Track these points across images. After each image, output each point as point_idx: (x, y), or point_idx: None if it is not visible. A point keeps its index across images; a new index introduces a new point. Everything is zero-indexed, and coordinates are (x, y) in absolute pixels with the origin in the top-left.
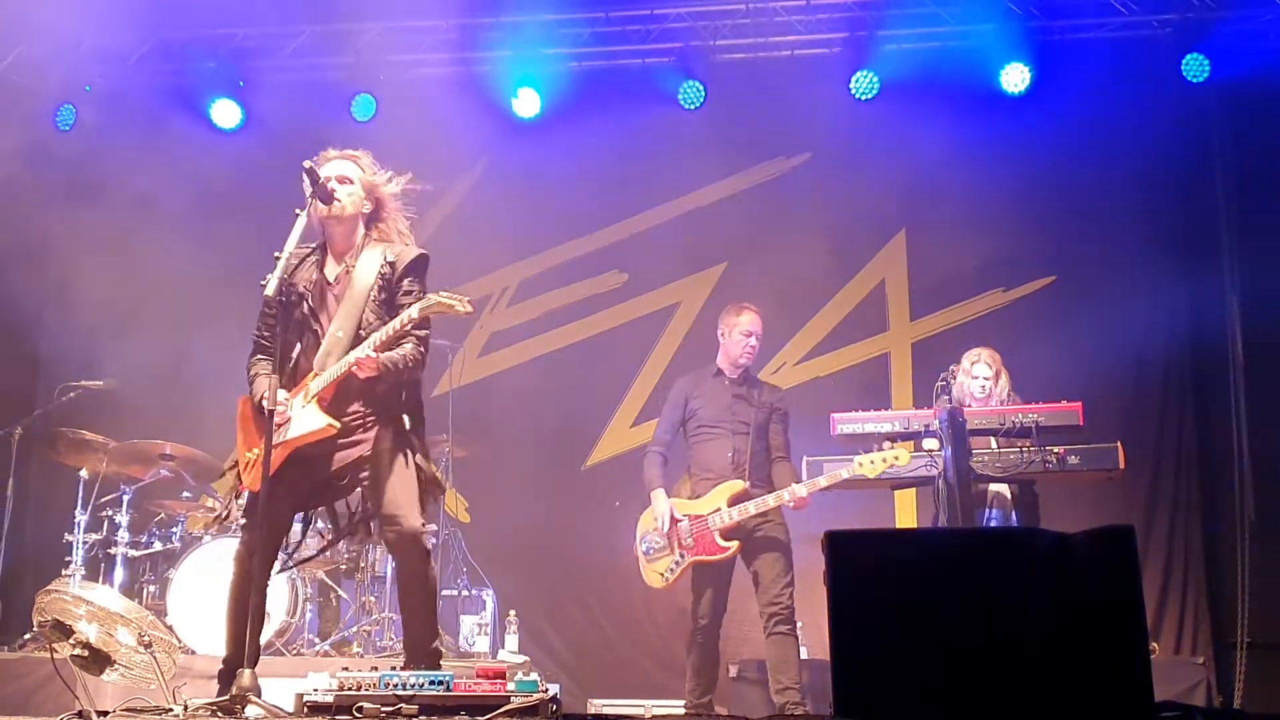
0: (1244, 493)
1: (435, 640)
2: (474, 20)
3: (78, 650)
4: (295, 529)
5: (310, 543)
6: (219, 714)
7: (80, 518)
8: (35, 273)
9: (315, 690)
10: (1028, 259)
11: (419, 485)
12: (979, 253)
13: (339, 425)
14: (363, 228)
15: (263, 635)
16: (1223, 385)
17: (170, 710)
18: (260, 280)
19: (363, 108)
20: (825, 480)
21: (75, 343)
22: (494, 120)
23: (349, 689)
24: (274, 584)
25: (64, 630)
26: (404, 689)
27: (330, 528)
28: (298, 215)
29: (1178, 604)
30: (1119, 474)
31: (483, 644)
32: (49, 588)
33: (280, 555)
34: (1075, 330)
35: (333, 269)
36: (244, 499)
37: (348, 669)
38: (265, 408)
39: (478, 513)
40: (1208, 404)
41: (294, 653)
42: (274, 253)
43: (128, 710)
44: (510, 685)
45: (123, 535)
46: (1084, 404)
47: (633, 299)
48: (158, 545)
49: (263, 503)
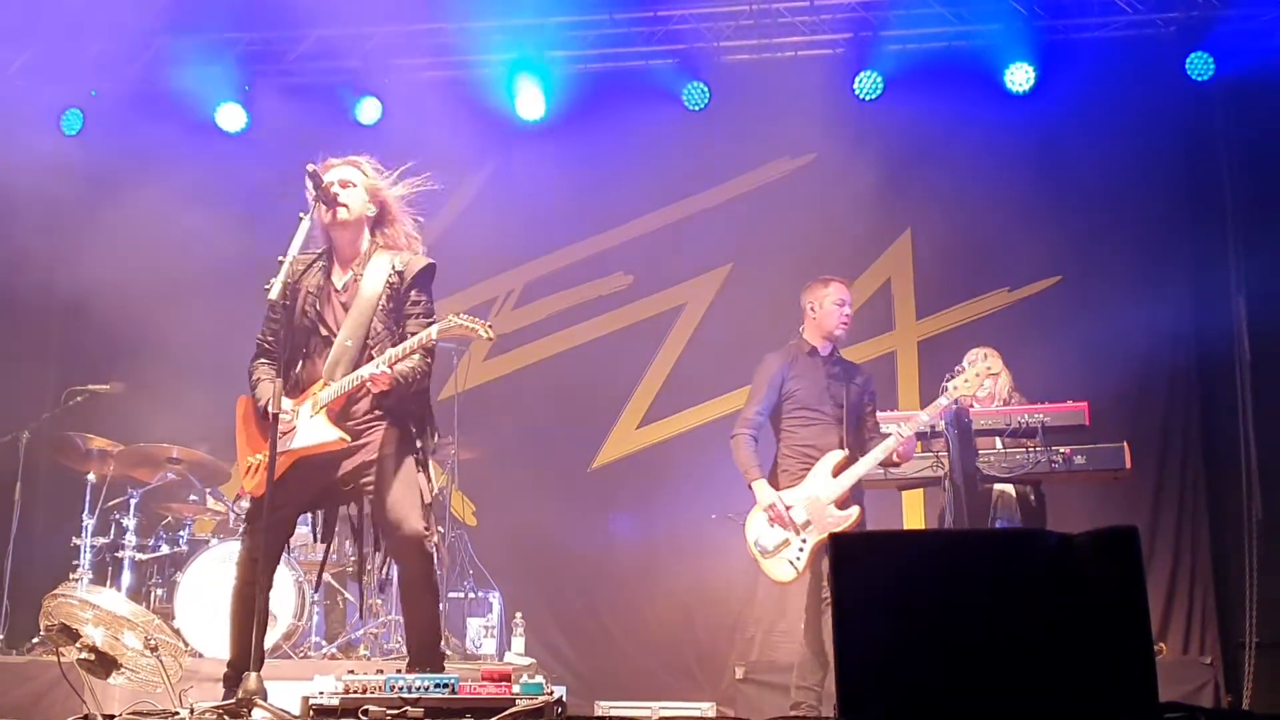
0: (1251, 492)
1: (439, 644)
2: (479, 24)
3: (85, 654)
4: (302, 531)
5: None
6: (226, 717)
7: (87, 521)
8: (41, 277)
9: (321, 693)
10: (1033, 258)
11: (420, 486)
12: (984, 252)
13: (350, 439)
14: (368, 233)
15: (269, 638)
16: (1229, 384)
17: (177, 714)
18: (264, 285)
19: (369, 111)
20: (927, 413)
21: (82, 347)
22: (499, 123)
23: (354, 692)
24: (281, 587)
25: (71, 634)
26: (409, 692)
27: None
28: (301, 219)
29: (1185, 604)
30: (1126, 474)
31: (489, 646)
32: (56, 591)
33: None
34: (1081, 329)
35: (339, 276)
36: (245, 502)
37: (353, 672)
38: (269, 413)
39: (484, 515)
40: (1214, 403)
41: (300, 655)
42: (278, 257)
43: (135, 714)
44: (516, 688)
45: (130, 539)
46: (1090, 404)
47: (638, 301)
48: (165, 549)
49: (267, 508)
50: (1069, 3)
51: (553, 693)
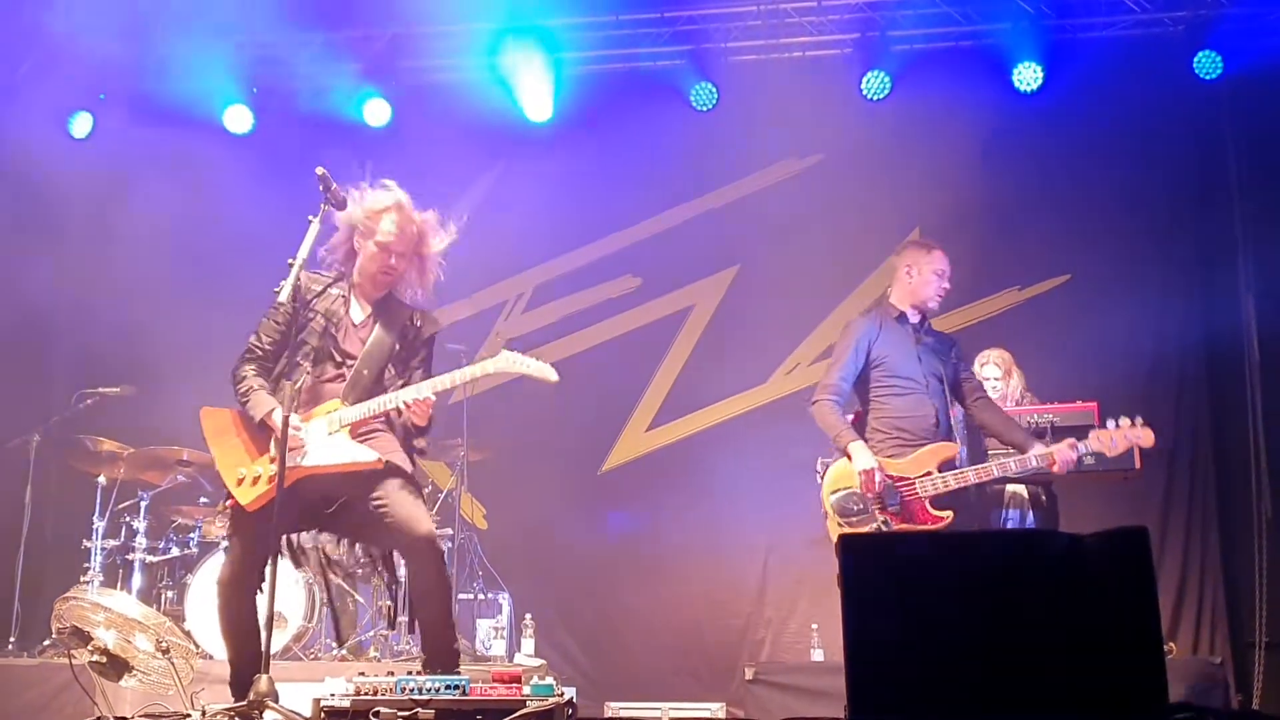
0: (1261, 491)
1: (454, 642)
2: (487, 25)
3: (96, 656)
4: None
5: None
6: (237, 719)
7: (98, 524)
8: (51, 280)
9: (332, 695)
10: (1042, 258)
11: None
12: (993, 252)
13: (385, 461)
14: (399, 284)
15: (280, 640)
16: (1239, 384)
17: (188, 716)
18: (274, 288)
19: (377, 113)
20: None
21: (92, 350)
22: (507, 125)
23: (365, 694)
24: (290, 589)
25: (82, 637)
26: (420, 693)
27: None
28: (310, 222)
29: (1195, 604)
30: (1135, 474)
31: (499, 648)
32: (67, 594)
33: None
34: (1090, 329)
35: (358, 311)
36: (228, 515)
37: (364, 674)
38: (276, 423)
39: (494, 518)
40: (1224, 403)
41: (311, 657)
42: (288, 259)
43: (146, 716)
44: (526, 689)
45: (140, 541)
46: (1099, 403)
47: (647, 303)
48: (175, 551)
49: (276, 515)
50: (1077, 2)
51: (563, 694)
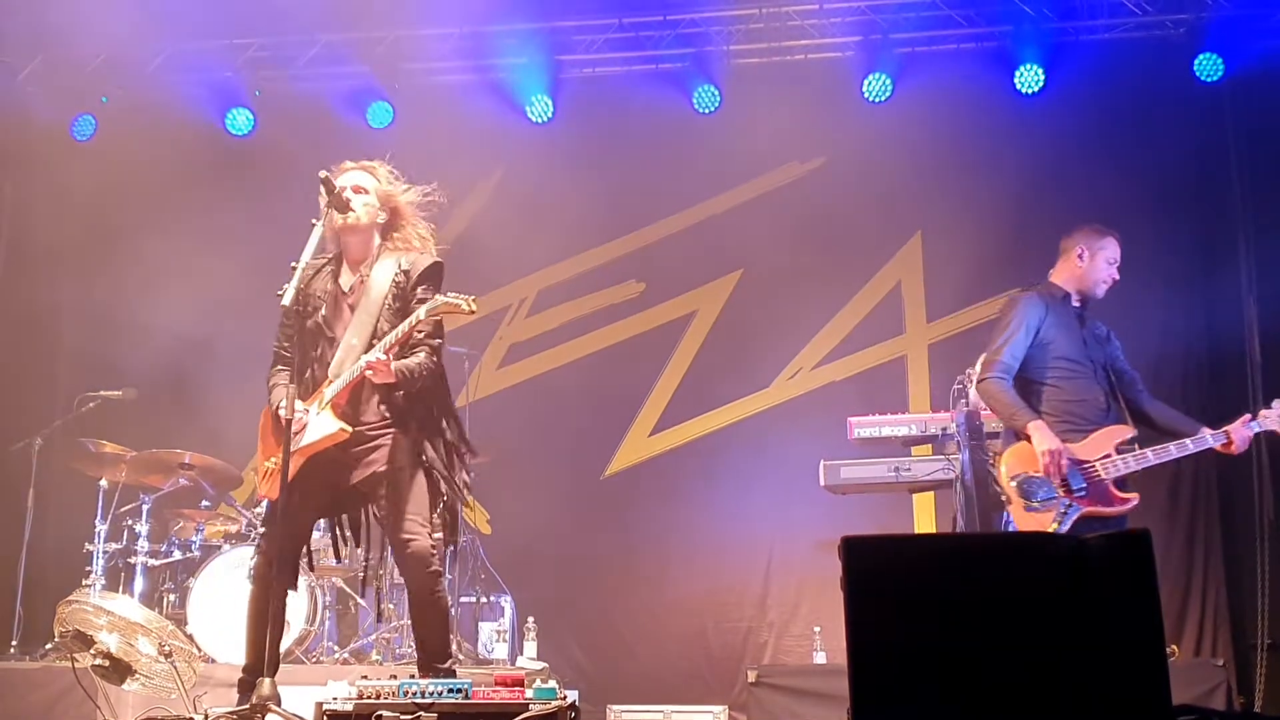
0: (1263, 494)
1: (448, 658)
2: (489, 28)
3: (99, 660)
4: (314, 536)
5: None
6: None
7: (100, 527)
8: (53, 283)
9: (335, 699)
10: (1044, 259)
11: (430, 499)
12: (995, 253)
13: (350, 430)
14: (378, 237)
15: (283, 643)
16: (1241, 386)
17: (191, 719)
18: (277, 291)
19: (379, 115)
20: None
21: (94, 353)
22: (509, 128)
23: (368, 697)
24: (293, 593)
25: (85, 640)
26: (423, 697)
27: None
28: (314, 225)
29: (1198, 606)
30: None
31: (501, 651)
32: (70, 598)
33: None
34: None
35: (347, 278)
36: (263, 508)
37: (367, 677)
38: (282, 417)
39: (498, 522)
40: (1226, 405)
41: (313, 661)
42: (290, 263)
43: None
44: (529, 692)
45: (142, 544)
46: None
47: (650, 308)
48: (177, 554)
49: (281, 511)
50: (1078, 4)
51: (566, 697)
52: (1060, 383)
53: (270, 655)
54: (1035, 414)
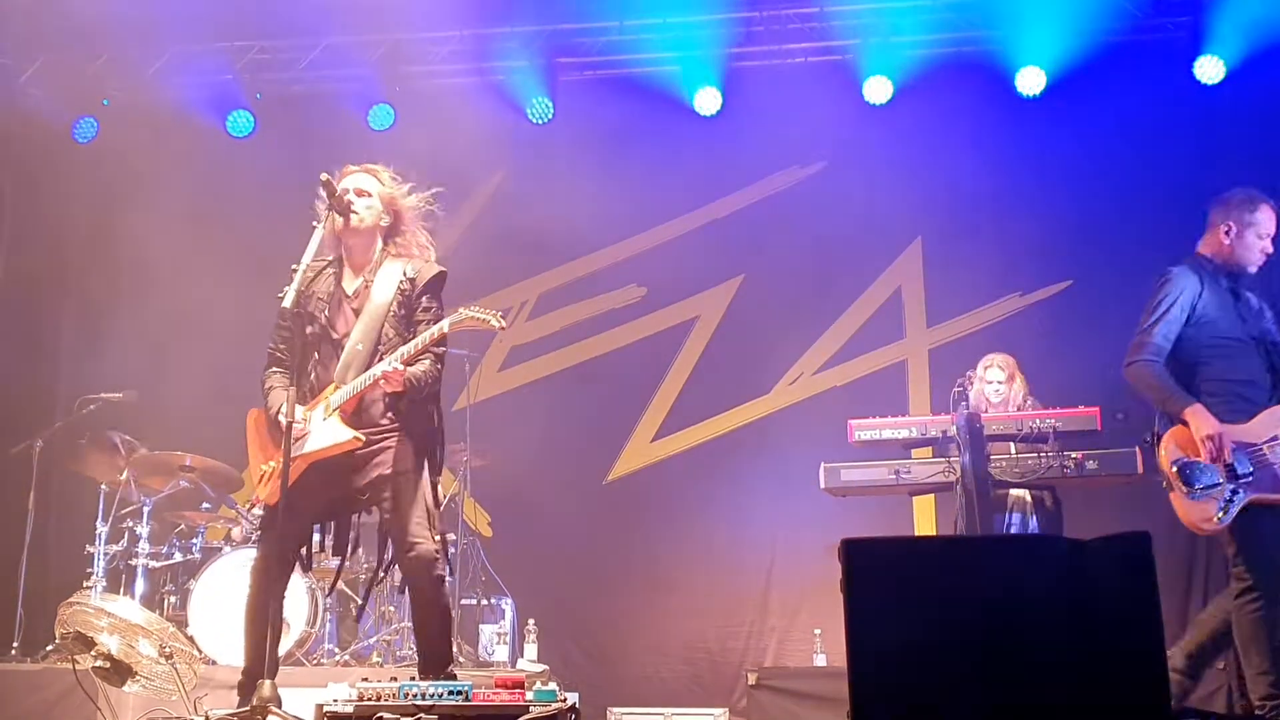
0: None
1: (450, 661)
2: (490, 30)
3: (99, 662)
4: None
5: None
6: None
7: (101, 529)
8: (55, 286)
9: (335, 700)
10: (1044, 263)
11: (433, 502)
12: (995, 257)
13: (364, 438)
14: (381, 241)
15: (283, 646)
16: None
17: None
18: (278, 293)
19: (380, 118)
20: None
21: (95, 355)
22: (510, 130)
23: (369, 699)
24: (294, 594)
25: (86, 642)
26: (423, 699)
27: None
28: (315, 228)
29: (1199, 609)
30: (1138, 479)
31: (502, 653)
32: (71, 600)
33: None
34: (1093, 334)
35: (351, 282)
36: (258, 511)
37: (367, 679)
38: (283, 421)
39: (499, 525)
40: None
41: (314, 663)
42: (291, 265)
43: None
44: (529, 695)
45: (143, 546)
46: (1102, 409)
47: (652, 313)
48: (178, 556)
49: (282, 515)
50: (1078, 7)
51: (566, 699)
52: (1221, 362)
53: (269, 658)
54: (1191, 398)
